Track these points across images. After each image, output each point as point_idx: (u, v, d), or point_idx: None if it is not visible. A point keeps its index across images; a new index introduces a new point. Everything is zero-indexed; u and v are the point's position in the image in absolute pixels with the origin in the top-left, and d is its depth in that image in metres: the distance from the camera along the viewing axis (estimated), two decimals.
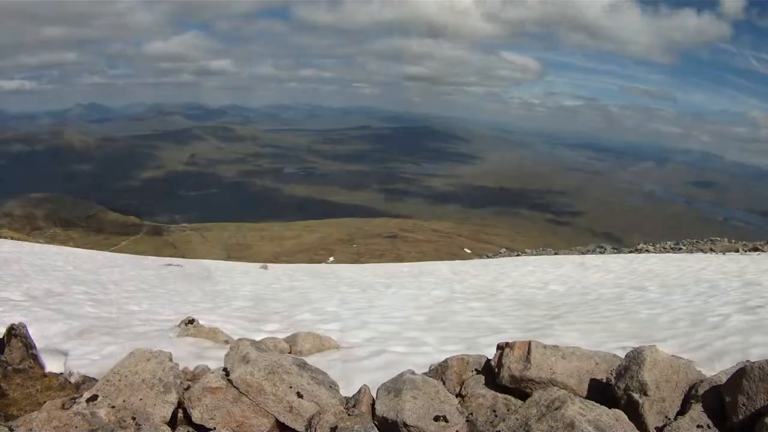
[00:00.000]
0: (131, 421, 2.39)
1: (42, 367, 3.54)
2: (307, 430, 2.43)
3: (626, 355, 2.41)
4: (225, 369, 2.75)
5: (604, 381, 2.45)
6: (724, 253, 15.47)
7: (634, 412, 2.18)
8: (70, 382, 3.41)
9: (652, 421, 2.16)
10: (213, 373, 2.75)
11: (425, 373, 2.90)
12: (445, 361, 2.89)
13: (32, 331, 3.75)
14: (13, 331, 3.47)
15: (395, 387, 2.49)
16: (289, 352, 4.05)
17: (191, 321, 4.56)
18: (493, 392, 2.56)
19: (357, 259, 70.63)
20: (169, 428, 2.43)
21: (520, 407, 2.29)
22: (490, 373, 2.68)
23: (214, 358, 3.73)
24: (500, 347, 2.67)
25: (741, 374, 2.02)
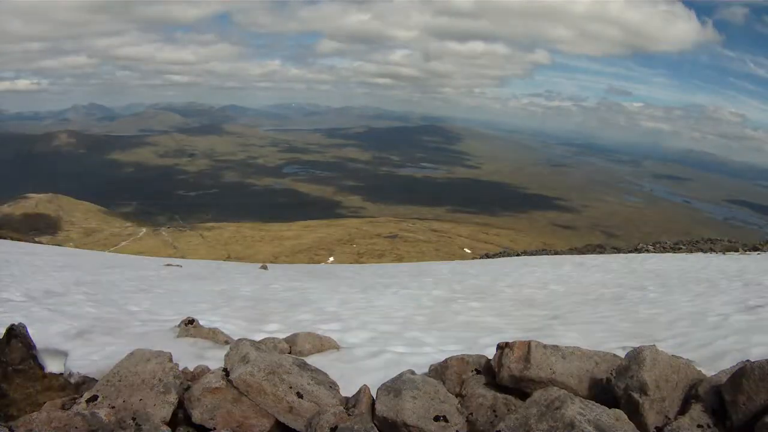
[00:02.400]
0: (131, 421, 2.38)
1: (42, 368, 3.54)
2: (307, 430, 2.42)
3: (626, 355, 2.41)
4: (225, 369, 2.75)
5: (604, 381, 2.45)
6: (724, 253, 15.47)
7: (634, 412, 2.18)
8: (70, 383, 3.40)
9: (652, 420, 2.16)
10: (213, 373, 2.75)
11: (425, 373, 2.90)
12: (445, 361, 2.89)
13: (32, 332, 3.74)
14: (13, 331, 3.46)
15: (395, 387, 2.49)
16: (289, 353, 4.05)
17: (191, 321, 4.56)
18: (493, 392, 2.56)
19: (357, 259, 70.68)
20: (169, 429, 2.43)
21: (520, 407, 2.29)
22: (490, 373, 2.68)
23: (214, 359, 3.73)
24: (500, 347, 2.67)
25: (741, 374, 2.02)
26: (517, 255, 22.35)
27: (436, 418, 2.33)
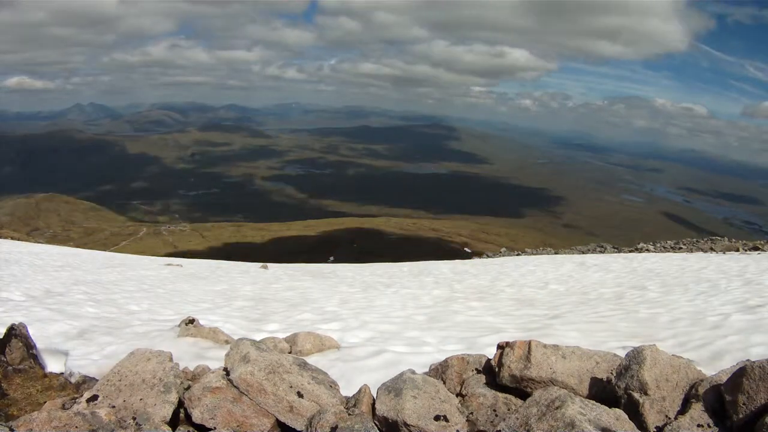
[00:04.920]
0: (131, 421, 2.38)
1: (42, 367, 3.54)
2: (307, 429, 2.42)
3: (626, 355, 2.41)
4: (225, 369, 2.75)
5: (605, 380, 2.45)
6: (724, 253, 15.46)
7: (634, 412, 2.18)
8: (70, 383, 3.41)
9: (653, 420, 2.16)
10: (213, 372, 2.75)
11: (425, 373, 2.89)
12: (446, 360, 2.89)
13: (32, 331, 3.74)
14: (13, 331, 3.47)
15: (395, 387, 2.49)
16: (290, 352, 4.05)
17: (191, 321, 4.56)
18: (493, 392, 2.56)
19: (357, 258, 70.64)
20: (170, 428, 2.43)
21: (520, 407, 2.29)
22: (490, 372, 2.68)
23: (215, 358, 3.73)
24: (500, 347, 2.67)
25: (741, 373, 2.01)
26: (517, 255, 22.36)
27: (437, 418, 2.33)
